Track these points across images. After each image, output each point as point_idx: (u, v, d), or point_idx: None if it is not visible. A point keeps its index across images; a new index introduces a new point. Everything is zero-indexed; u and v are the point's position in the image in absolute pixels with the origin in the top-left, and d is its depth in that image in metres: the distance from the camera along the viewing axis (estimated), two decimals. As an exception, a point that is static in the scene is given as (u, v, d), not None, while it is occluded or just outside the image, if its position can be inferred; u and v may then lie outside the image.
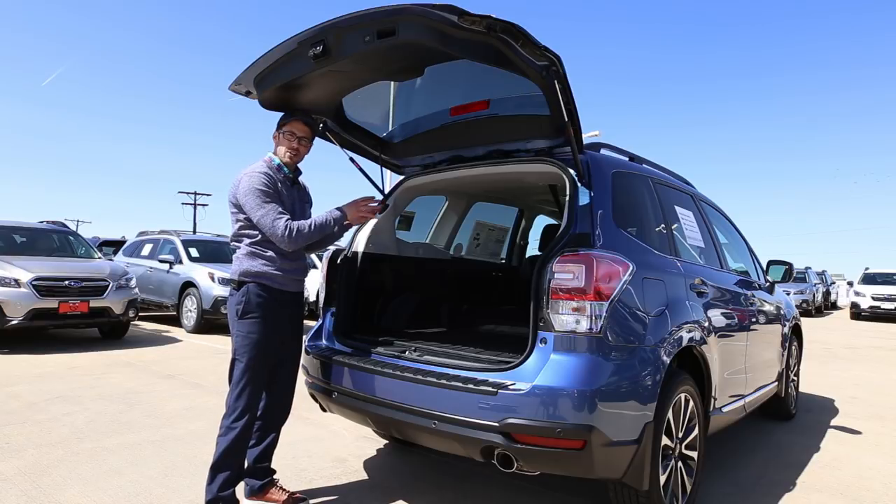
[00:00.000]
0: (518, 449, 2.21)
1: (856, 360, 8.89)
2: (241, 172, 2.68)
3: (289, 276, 2.71)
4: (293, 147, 2.74)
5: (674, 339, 2.56)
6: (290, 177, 2.78)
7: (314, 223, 2.64)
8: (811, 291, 20.08)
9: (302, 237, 2.60)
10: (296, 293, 2.81)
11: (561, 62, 2.27)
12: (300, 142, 2.75)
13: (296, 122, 2.74)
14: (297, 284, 2.81)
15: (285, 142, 2.74)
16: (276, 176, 2.71)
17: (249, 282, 2.65)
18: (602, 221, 2.51)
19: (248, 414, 2.61)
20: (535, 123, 2.81)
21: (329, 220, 2.69)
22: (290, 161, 2.75)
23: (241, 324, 2.63)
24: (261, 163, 2.73)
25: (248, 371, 2.60)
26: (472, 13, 2.09)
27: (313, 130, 2.81)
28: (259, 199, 2.59)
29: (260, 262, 2.65)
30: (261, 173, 2.63)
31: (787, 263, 4.57)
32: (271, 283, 2.66)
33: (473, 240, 4.59)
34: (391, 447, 3.76)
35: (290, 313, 2.79)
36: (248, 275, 2.65)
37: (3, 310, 6.90)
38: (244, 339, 2.62)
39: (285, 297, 2.72)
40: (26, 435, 3.74)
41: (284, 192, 2.72)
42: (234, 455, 2.60)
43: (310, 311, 11.05)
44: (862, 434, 4.51)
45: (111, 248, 14.41)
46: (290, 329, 2.80)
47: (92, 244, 9.85)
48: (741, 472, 3.51)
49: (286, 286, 2.72)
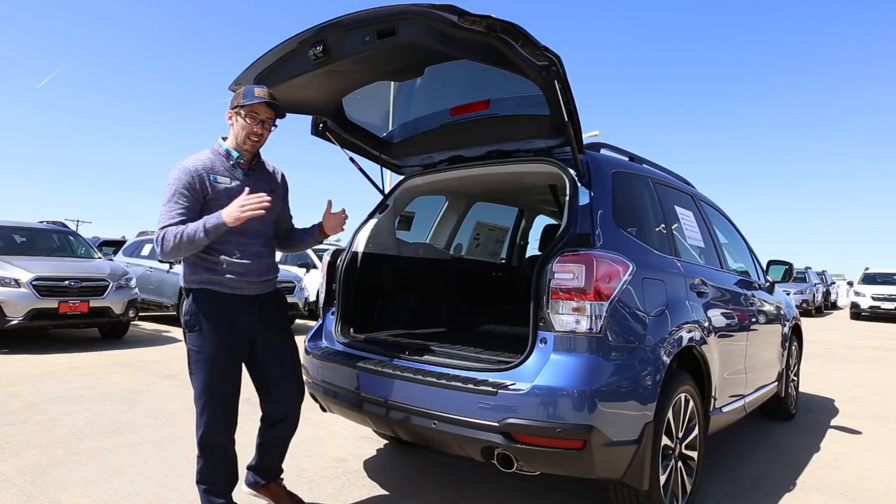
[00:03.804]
0: (518, 449, 2.21)
1: (856, 360, 8.89)
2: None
3: (244, 278, 2.36)
4: (255, 132, 2.35)
5: (674, 339, 2.56)
6: (244, 162, 2.40)
7: (182, 232, 2.17)
8: (811, 291, 20.08)
9: (168, 247, 2.19)
10: (259, 295, 2.44)
11: (561, 62, 2.28)
12: (264, 125, 2.37)
13: (259, 104, 2.34)
14: (261, 286, 2.45)
15: (248, 124, 2.34)
16: (223, 165, 2.35)
17: (196, 289, 2.34)
18: (602, 221, 2.51)
19: (213, 431, 2.35)
20: (535, 123, 2.81)
21: (199, 227, 2.17)
22: (250, 147, 2.38)
23: (189, 337, 2.34)
24: (206, 150, 2.39)
25: (206, 390, 2.32)
26: (472, 13, 2.10)
27: (278, 114, 2.41)
28: (167, 197, 2.26)
29: (204, 265, 2.32)
30: (186, 167, 2.27)
31: (787, 263, 4.57)
32: (220, 288, 2.33)
33: (473, 240, 4.60)
34: (391, 447, 3.75)
35: (261, 318, 2.44)
36: (193, 281, 2.35)
37: (3, 310, 6.90)
38: (196, 354, 2.32)
39: (244, 302, 2.38)
40: (26, 435, 3.74)
41: (225, 186, 2.32)
42: (211, 471, 2.41)
43: (310, 311, 11.05)
44: (862, 434, 4.51)
45: (111, 248, 14.41)
46: (266, 334, 2.46)
47: (92, 244, 9.85)
48: (741, 472, 3.51)
49: (242, 290, 2.37)
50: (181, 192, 2.24)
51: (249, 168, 2.43)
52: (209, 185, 2.29)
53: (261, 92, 2.35)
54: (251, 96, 2.33)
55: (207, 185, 2.29)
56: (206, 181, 2.29)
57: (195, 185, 2.26)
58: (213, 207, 2.27)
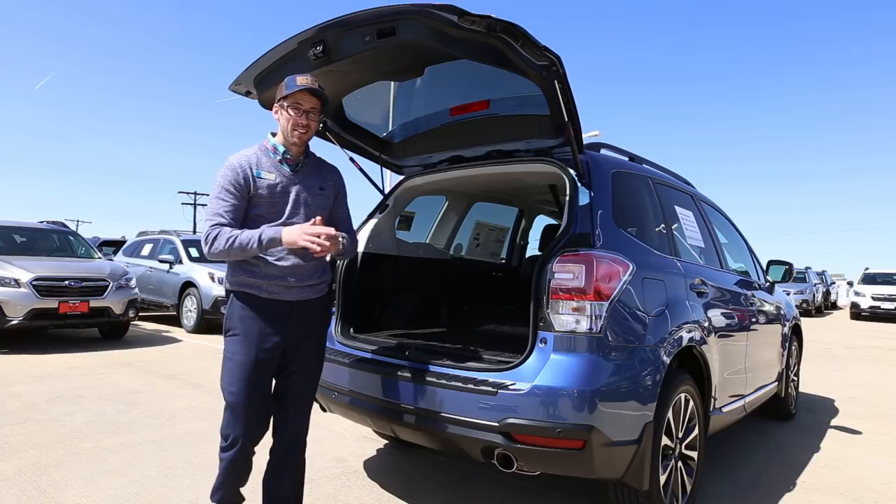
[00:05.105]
0: (518, 449, 2.21)
1: (856, 360, 8.89)
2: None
3: (284, 282, 2.22)
4: (300, 123, 2.22)
5: (674, 339, 2.56)
6: (291, 158, 2.28)
7: (235, 238, 2.11)
8: (811, 291, 20.08)
9: (217, 249, 2.12)
10: (301, 302, 2.28)
11: (561, 62, 2.28)
12: (308, 116, 2.23)
13: (301, 93, 2.21)
14: (304, 291, 2.29)
15: (291, 116, 2.22)
16: (269, 160, 2.26)
17: (235, 291, 2.26)
18: (602, 221, 2.51)
19: (240, 444, 2.22)
20: (535, 123, 2.81)
21: (254, 238, 2.11)
22: (297, 140, 2.25)
23: (225, 342, 2.26)
24: (255, 146, 2.31)
25: (233, 398, 2.20)
26: (472, 13, 2.10)
27: (323, 102, 2.27)
28: (213, 193, 2.20)
29: (244, 266, 2.23)
30: (231, 163, 2.22)
31: (787, 263, 4.57)
32: (258, 292, 2.22)
33: (473, 240, 4.60)
34: (391, 447, 3.76)
35: (300, 330, 2.28)
36: (233, 283, 2.27)
37: (3, 310, 6.90)
38: (227, 360, 2.23)
39: (281, 308, 2.24)
40: (26, 435, 3.74)
41: (269, 183, 2.23)
42: (225, 485, 2.29)
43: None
44: (862, 434, 4.51)
45: (111, 248, 14.42)
46: (300, 350, 2.30)
47: (92, 244, 9.86)
48: (741, 472, 3.51)
49: (282, 294, 2.23)
50: (226, 189, 2.18)
51: (297, 164, 2.30)
52: (253, 181, 2.21)
53: (303, 80, 2.20)
54: (292, 85, 2.20)
55: (251, 180, 2.21)
56: (250, 177, 2.21)
57: (239, 180, 2.19)
58: (258, 204, 2.23)
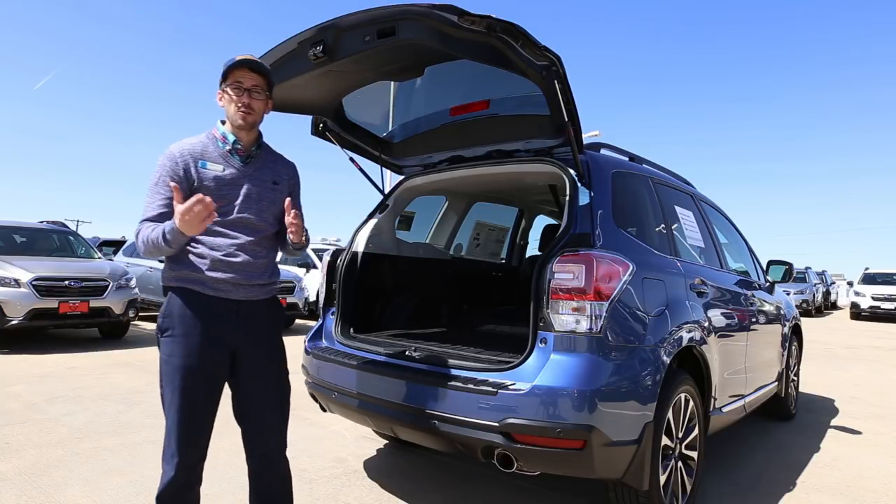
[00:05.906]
0: (518, 449, 2.21)
1: (856, 360, 8.89)
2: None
3: (231, 279, 1.98)
4: (243, 102, 1.98)
5: (674, 339, 2.56)
6: (241, 148, 2.06)
7: (148, 237, 1.91)
8: (811, 291, 20.09)
9: (141, 249, 1.96)
10: (250, 302, 2.04)
11: (561, 62, 2.28)
12: (251, 94, 2.00)
13: (240, 69, 1.98)
14: (252, 290, 2.04)
15: (232, 96, 2.00)
16: (216, 150, 2.04)
17: (174, 287, 2.01)
18: (602, 221, 2.51)
19: (178, 459, 1.94)
20: (535, 123, 2.81)
21: (159, 234, 1.89)
22: (242, 123, 2.01)
23: (161, 343, 2.00)
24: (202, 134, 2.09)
25: (172, 406, 1.95)
26: (472, 13, 2.10)
27: (267, 78, 2.04)
28: (149, 185, 2.00)
29: (186, 260, 1.98)
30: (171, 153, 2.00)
31: (787, 263, 4.58)
32: (202, 288, 1.97)
33: (473, 240, 4.60)
34: (391, 447, 3.75)
35: (249, 329, 2.04)
36: (171, 279, 2.01)
37: (3, 310, 6.90)
38: (164, 363, 1.97)
39: (228, 307, 2.00)
40: (26, 435, 3.74)
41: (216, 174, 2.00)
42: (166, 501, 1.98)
43: (310, 311, 11.05)
44: (862, 434, 4.51)
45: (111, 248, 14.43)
46: (253, 351, 2.05)
47: (92, 244, 9.85)
48: (741, 472, 3.51)
49: (228, 293, 1.99)
50: (163, 181, 1.97)
51: (248, 155, 2.08)
52: (196, 173, 1.99)
53: (241, 56, 2.00)
54: (230, 61, 2.00)
55: (194, 172, 1.99)
56: (193, 168, 1.99)
57: (179, 172, 1.97)
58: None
